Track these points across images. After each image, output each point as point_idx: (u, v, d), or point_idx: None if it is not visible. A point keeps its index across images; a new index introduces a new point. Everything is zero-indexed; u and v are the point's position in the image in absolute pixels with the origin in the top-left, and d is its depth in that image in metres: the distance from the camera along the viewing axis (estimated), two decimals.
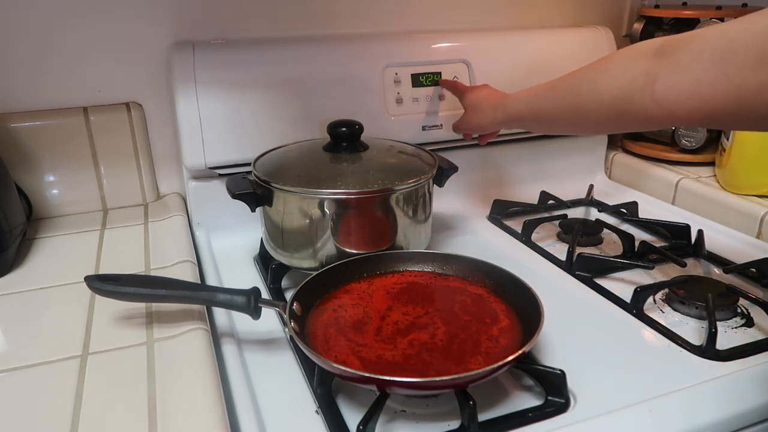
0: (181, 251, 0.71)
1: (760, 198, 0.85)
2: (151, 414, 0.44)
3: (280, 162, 0.71)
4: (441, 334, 0.54)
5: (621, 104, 0.52)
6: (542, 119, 0.66)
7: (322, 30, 0.90)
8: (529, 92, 0.68)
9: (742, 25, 0.42)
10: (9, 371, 0.50)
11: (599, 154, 1.07)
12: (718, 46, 0.43)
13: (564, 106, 0.61)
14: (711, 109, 0.45)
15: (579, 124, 0.61)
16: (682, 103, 0.46)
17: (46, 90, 0.80)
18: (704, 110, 0.45)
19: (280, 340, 0.60)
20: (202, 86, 0.77)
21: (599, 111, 0.56)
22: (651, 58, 0.49)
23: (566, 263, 0.74)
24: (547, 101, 0.64)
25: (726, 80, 0.43)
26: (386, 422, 0.49)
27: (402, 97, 0.87)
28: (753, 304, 0.63)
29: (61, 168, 0.82)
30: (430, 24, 0.96)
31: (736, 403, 0.50)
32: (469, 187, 0.96)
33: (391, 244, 0.66)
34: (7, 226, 0.67)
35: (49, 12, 0.77)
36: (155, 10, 0.81)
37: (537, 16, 1.03)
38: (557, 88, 0.62)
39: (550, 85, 0.64)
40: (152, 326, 0.56)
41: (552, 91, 0.63)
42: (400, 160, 0.72)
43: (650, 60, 0.49)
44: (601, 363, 0.55)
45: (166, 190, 0.91)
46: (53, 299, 0.62)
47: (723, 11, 0.93)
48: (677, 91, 0.46)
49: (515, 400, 0.51)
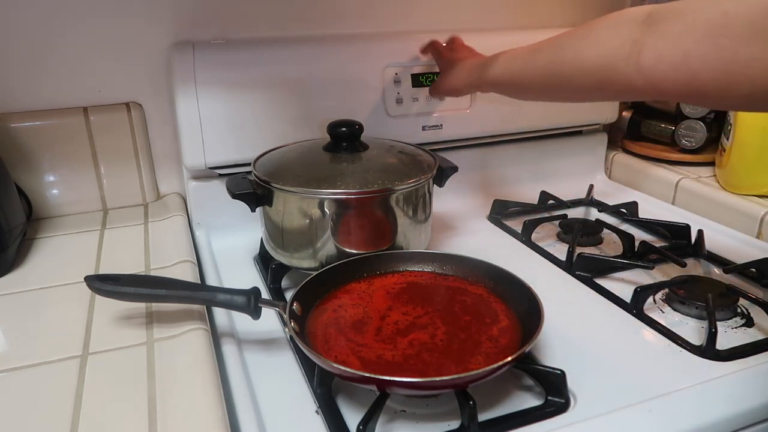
0: (181, 251, 0.71)
1: (760, 198, 0.85)
2: (151, 414, 0.44)
3: (280, 162, 0.71)
4: (441, 334, 0.54)
5: (604, 72, 0.50)
6: (519, 84, 0.63)
7: (322, 30, 0.90)
8: (507, 55, 0.65)
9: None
10: (9, 371, 0.50)
11: (599, 154, 1.07)
12: (711, 17, 0.42)
13: (545, 72, 0.58)
14: (698, 83, 0.43)
15: (558, 91, 0.58)
16: (669, 75, 0.45)
17: (46, 90, 0.80)
18: (691, 84, 0.44)
19: (280, 340, 0.60)
20: (202, 86, 0.77)
21: (582, 79, 0.53)
22: (639, 26, 0.47)
23: (566, 263, 0.74)
24: (527, 65, 0.61)
25: (716, 53, 0.41)
26: (386, 422, 0.49)
27: (402, 97, 0.87)
28: (753, 304, 0.63)
29: (61, 168, 0.82)
30: (430, 24, 0.96)
31: (736, 403, 0.50)
32: (469, 187, 0.96)
33: (391, 244, 0.66)
34: (7, 226, 0.67)
35: (50, 12, 0.77)
36: (155, 10, 0.81)
37: (537, 16, 1.03)
38: (539, 52, 0.59)
39: (531, 48, 0.61)
40: (152, 326, 0.56)
41: (533, 55, 0.60)
42: (400, 160, 0.72)
43: (638, 27, 0.47)
44: (601, 363, 0.55)
45: (166, 190, 0.91)
46: (53, 299, 0.62)
47: None
48: (665, 62, 0.45)
49: (515, 400, 0.51)
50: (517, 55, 0.63)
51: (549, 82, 0.58)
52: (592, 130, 1.05)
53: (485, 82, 0.68)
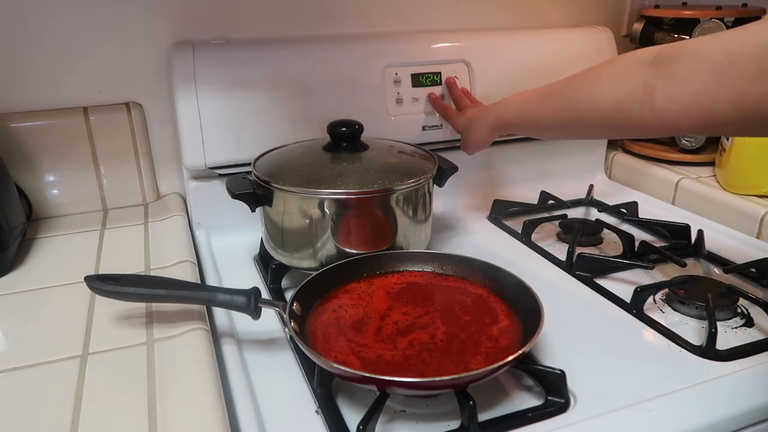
0: (181, 251, 0.71)
1: (760, 198, 0.85)
2: (151, 414, 0.44)
3: (280, 162, 0.71)
4: (441, 334, 0.54)
5: (619, 116, 0.52)
6: (535, 126, 0.66)
7: (322, 30, 0.90)
8: (520, 98, 0.67)
9: (741, 37, 0.42)
10: (9, 371, 0.50)
11: (599, 154, 1.07)
12: (717, 58, 0.43)
13: (559, 116, 0.60)
14: (713, 120, 0.44)
15: (575, 133, 0.61)
16: (682, 115, 0.46)
17: (47, 90, 0.80)
18: (707, 122, 0.45)
19: (280, 340, 0.60)
20: (202, 86, 0.77)
21: (597, 122, 0.55)
22: (647, 68, 0.48)
23: (566, 263, 0.74)
24: (541, 109, 0.63)
25: (725, 92, 0.42)
26: (386, 422, 0.49)
27: (402, 97, 0.87)
28: (753, 304, 0.63)
29: (61, 168, 0.82)
30: (430, 24, 0.96)
31: (736, 403, 0.50)
32: (469, 187, 0.96)
33: (391, 244, 0.66)
34: (7, 226, 0.67)
35: (49, 12, 0.77)
36: (155, 10, 0.81)
37: (537, 16, 1.03)
38: (551, 96, 0.61)
39: (543, 92, 0.62)
40: (152, 326, 0.56)
41: (546, 100, 0.62)
42: (400, 160, 0.72)
43: (647, 70, 0.48)
44: (601, 363, 0.55)
45: (166, 190, 0.91)
46: (53, 299, 0.62)
47: (723, 11, 0.93)
48: (677, 103, 0.46)
49: (515, 400, 0.51)
50: (530, 99, 0.65)
51: (565, 126, 0.60)
52: None
53: (504, 127, 0.72)
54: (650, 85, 0.48)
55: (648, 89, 0.48)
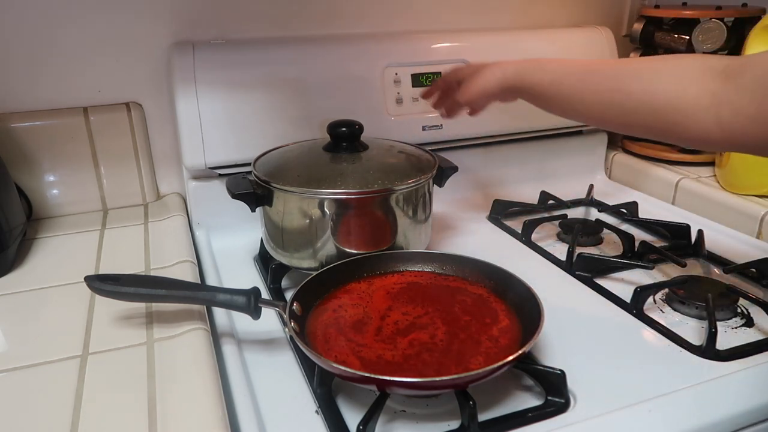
0: (181, 251, 0.71)
1: (760, 198, 0.85)
2: (151, 414, 0.44)
3: (280, 162, 0.71)
4: (441, 334, 0.54)
5: (677, 116, 0.49)
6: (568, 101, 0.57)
7: (322, 30, 0.90)
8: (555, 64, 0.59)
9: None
10: (9, 371, 0.50)
11: (599, 154, 1.07)
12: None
13: (602, 97, 0.54)
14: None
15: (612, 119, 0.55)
16: (747, 129, 0.44)
17: (46, 90, 0.80)
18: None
19: (280, 340, 0.60)
20: (202, 86, 0.77)
21: (649, 116, 0.51)
22: (716, 78, 0.47)
23: (566, 263, 0.74)
24: (584, 85, 0.56)
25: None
26: (386, 422, 0.49)
27: (402, 97, 0.87)
28: (753, 304, 0.63)
29: (61, 168, 0.82)
30: (430, 24, 0.96)
31: (736, 403, 0.50)
32: (469, 187, 0.96)
33: (391, 244, 0.66)
34: (7, 226, 0.67)
35: (49, 12, 0.77)
36: (155, 10, 0.81)
37: (537, 16, 1.03)
38: (597, 73, 0.55)
39: (585, 67, 0.57)
40: (152, 326, 0.56)
41: (591, 76, 0.56)
42: (400, 160, 0.72)
43: (715, 80, 0.47)
44: (601, 363, 0.55)
45: (166, 190, 0.91)
46: (53, 299, 0.62)
47: (723, 11, 0.93)
48: (742, 116, 0.45)
49: (515, 400, 0.51)
50: (569, 70, 0.58)
51: (606, 109, 0.55)
52: (592, 130, 1.05)
53: (523, 85, 0.61)
54: (718, 95, 0.46)
55: (716, 98, 0.46)
